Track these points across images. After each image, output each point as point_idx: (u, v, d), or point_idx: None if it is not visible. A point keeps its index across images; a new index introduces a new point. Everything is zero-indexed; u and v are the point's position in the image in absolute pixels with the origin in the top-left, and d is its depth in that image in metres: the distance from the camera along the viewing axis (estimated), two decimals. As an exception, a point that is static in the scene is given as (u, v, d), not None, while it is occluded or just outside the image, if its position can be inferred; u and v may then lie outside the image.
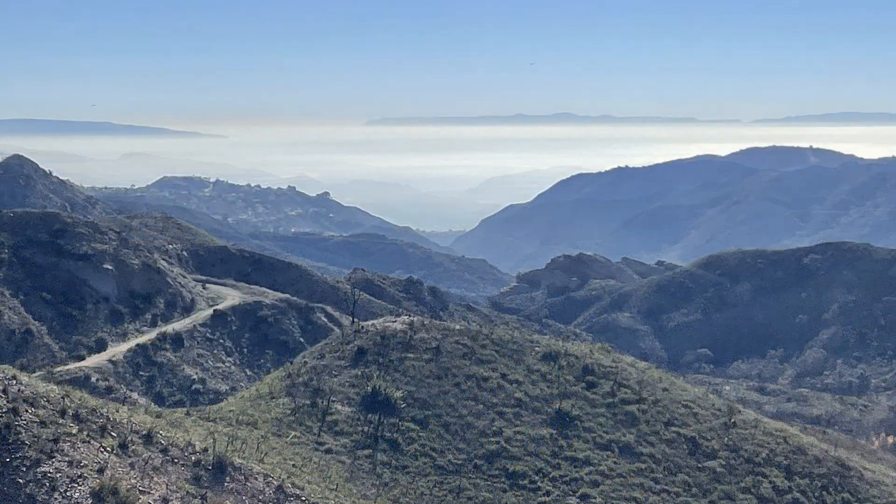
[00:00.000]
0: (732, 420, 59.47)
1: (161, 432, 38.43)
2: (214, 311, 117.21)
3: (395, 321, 65.77)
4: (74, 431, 35.32)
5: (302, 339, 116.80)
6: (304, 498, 39.75)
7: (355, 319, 74.32)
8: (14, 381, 36.62)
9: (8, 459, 33.06)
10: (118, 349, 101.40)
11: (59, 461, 33.50)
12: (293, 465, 44.96)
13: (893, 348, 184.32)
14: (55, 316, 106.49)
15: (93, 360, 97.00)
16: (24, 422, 34.58)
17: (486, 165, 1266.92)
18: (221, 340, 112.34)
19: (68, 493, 32.41)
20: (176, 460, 37.23)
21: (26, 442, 33.77)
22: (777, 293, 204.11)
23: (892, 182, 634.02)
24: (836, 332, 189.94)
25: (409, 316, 73.61)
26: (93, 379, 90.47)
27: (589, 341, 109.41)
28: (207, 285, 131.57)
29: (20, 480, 32.53)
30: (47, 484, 32.57)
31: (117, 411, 39.13)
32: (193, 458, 37.84)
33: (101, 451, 35.13)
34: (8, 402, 35.06)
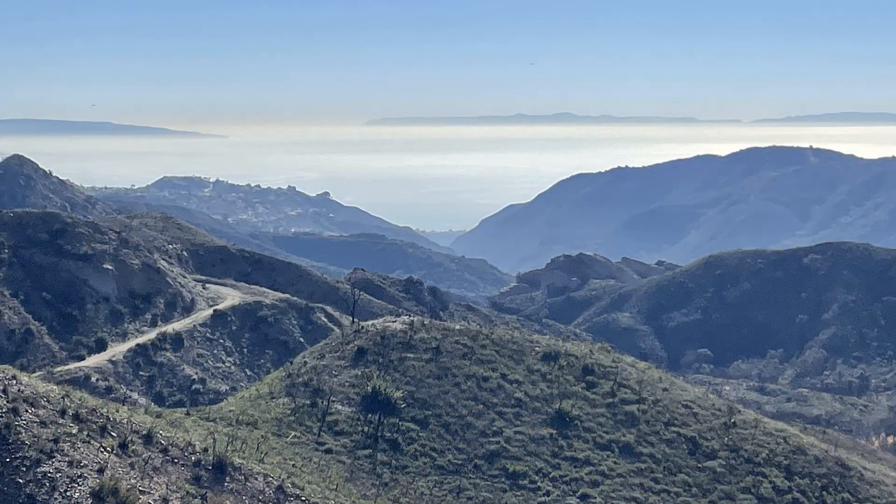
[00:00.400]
0: (732, 420, 59.46)
1: (161, 432, 38.41)
2: (214, 311, 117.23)
3: (395, 321, 65.77)
4: (74, 431, 35.29)
5: (302, 339, 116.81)
6: (304, 498, 39.74)
7: (355, 319, 74.31)
8: (14, 381, 36.60)
9: (8, 459, 33.04)
10: (118, 349, 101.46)
11: (59, 461, 33.48)
12: (293, 465, 44.96)
13: (893, 348, 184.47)
14: (55, 316, 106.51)
15: (93, 360, 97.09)
16: (24, 422, 34.57)
17: (486, 165, 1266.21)
18: (221, 340, 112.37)
19: (68, 493, 32.39)
20: (176, 460, 37.21)
21: (26, 442, 33.75)
22: (777, 293, 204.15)
23: (892, 182, 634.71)
24: (836, 332, 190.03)
25: (409, 316, 73.64)
26: (93, 379, 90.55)
27: (589, 341, 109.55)
28: (207, 285, 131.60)
29: (20, 480, 32.52)
30: (47, 484, 32.55)
31: (117, 411, 39.09)
32: (193, 458, 37.82)
33: (101, 451, 35.11)
34: (8, 402, 35.04)
